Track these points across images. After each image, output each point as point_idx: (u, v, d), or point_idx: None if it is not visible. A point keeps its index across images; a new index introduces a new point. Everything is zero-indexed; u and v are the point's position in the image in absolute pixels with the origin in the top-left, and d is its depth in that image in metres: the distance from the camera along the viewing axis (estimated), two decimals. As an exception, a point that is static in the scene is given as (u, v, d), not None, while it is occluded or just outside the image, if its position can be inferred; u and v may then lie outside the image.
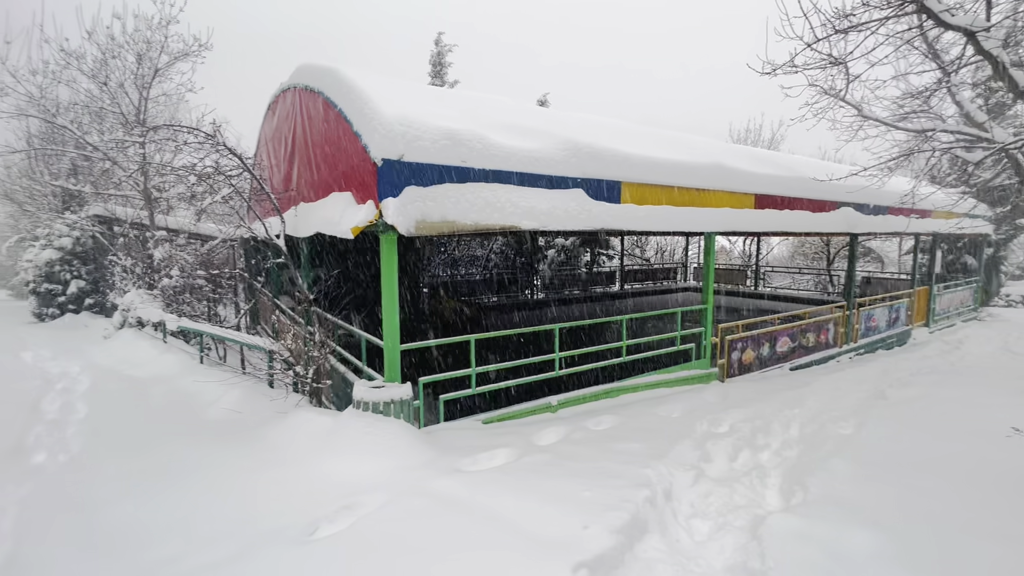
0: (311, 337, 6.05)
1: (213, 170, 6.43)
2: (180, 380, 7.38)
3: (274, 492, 3.82)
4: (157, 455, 4.60)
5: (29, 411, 6.30)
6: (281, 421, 5.03)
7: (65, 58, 11.04)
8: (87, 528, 3.36)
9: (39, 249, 14.76)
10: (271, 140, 8.87)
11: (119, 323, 11.18)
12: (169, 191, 11.97)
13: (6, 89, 10.69)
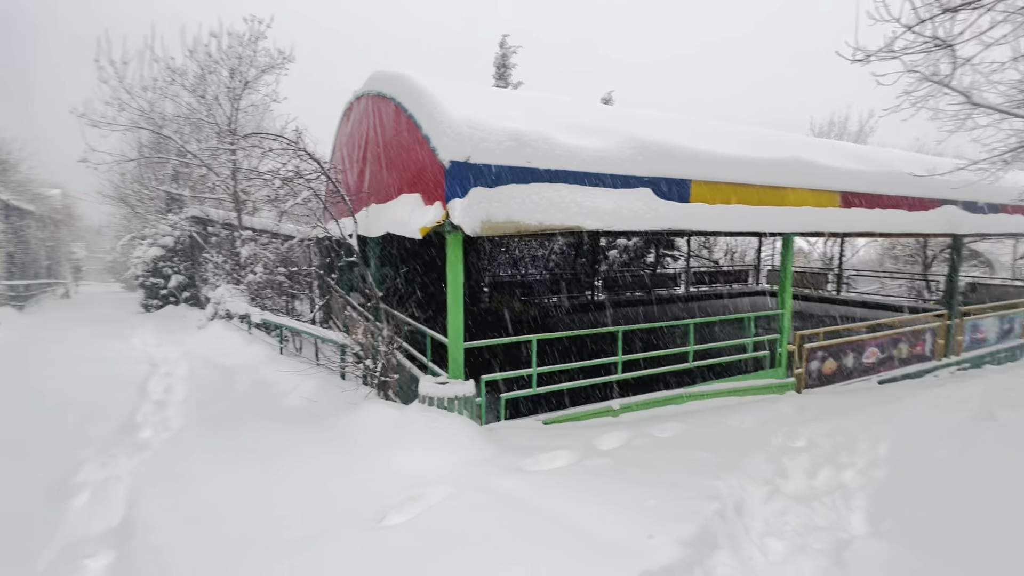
0: (379, 333, 6.31)
1: (294, 174, 6.87)
2: (263, 369, 7.97)
3: (346, 478, 4.02)
4: (244, 436, 4.99)
5: (138, 391, 7.05)
6: (352, 412, 5.29)
7: (170, 75, 12.27)
8: (186, 499, 3.72)
9: (146, 247, 16.51)
10: (345, 145, 9.36)
11: (211, 315, 12.26)
12: (255, 194, 12.97)
13: (124, 104, 12.05)
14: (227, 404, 6.28)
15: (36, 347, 10.62)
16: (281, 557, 2.97)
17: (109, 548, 3.25)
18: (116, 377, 7.88)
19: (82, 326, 13.96)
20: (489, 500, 3.48)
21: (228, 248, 13.68)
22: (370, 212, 7.51)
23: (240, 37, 11.86)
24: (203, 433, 5.15)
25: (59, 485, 4.01)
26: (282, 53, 12.13)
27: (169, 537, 3.19)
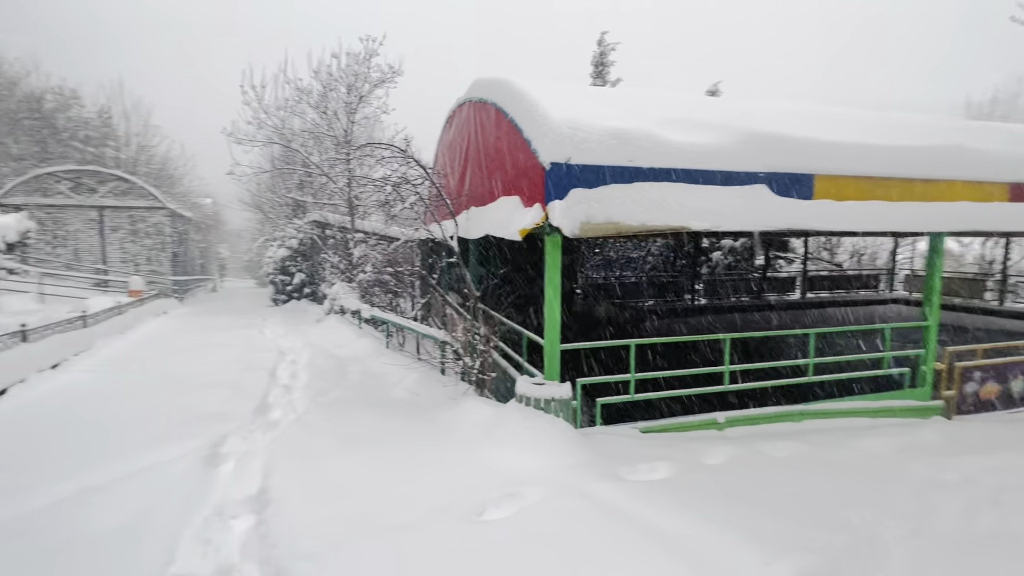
0: (477, 331, 6.51)
1: (402, 180, 7.33)
2: (371, 361, 8.62)
3: (446, 470, 4.19)
4: (357, 423, 5.42)
5: (269, 376, 7.97)
6: (452, 407, 5.51)
7: (298, 94, 13.78)
8: (310, 476, 4.11)
9: (276, 248, 18.65)
10: (448, 150, 9.80)
11: (327, 310, 13.54)
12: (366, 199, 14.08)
13: (262, 123, 13.74)
14: (342, 392, 6.87)
15: (192, 333, 12.49)
16: (390, 540, 3.16)
17: (250, 512, 3.70)
18: (252, 362, 8.99)
19: (226, 317, 16.16)
20: (587, 506, 3.42)
21: (342, 249, 15.00)
22: (470, 215, 7.77)
23: (356, 56, 12.97)
24: (323, 417, 5.67)
25: (211, 453, 4.65)
26: (392, 68, 13.05)
27: (298, 509, 3.55)
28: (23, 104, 22.60)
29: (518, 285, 9.30)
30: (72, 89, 24.80)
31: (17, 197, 17.69)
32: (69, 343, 9.26)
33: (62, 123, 23.65)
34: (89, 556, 3.11)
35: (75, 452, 4.78)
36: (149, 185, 20.69)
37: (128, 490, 3.92)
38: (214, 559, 3.16)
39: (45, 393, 6.91)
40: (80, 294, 15.69)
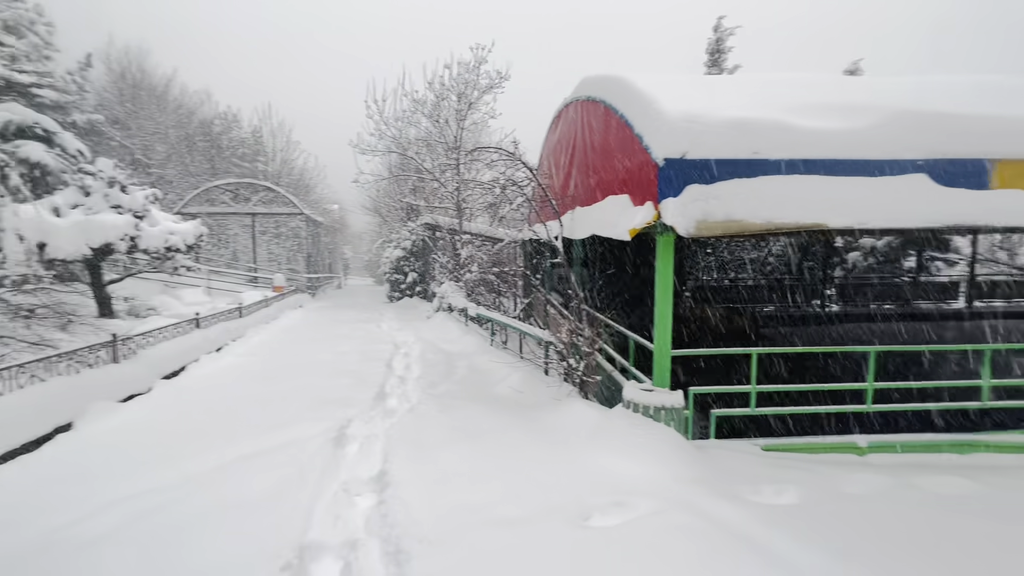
0: (581, 333, 6.42)
1: (509, 182, 7.49)
2: (477, 357, 8.93)
3: (549, 470, 4.18)
4: (465, 416, 5.63)
5: (385, 367, 8.63)
6: (556, 407, 5.50)
7: (414, 105, 14.76)
8: (424, 464, 4.36)
9: (392, 249, 20.16)
10: (553, 152, 9.83)
11: (436, 307, 14.30)
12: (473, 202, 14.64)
13: (382, 134, 14.95)
14: (451, 386, 7.20)
15: (321, 325, 13.96)
16: (501, 533, 3.23)
17: (372, 492, 4.02)
18: (371, 353, 9.80)
19: (349, 311, 17.84)
20: (703, 525, 3.19)
21: (450, 250, 15.77)
22: (575, 215, 7.71)
23: (467, 64, 13.55)
24: (434, 409, 5.99)
25: (339, 435, 5.13)
26: (499, 73, 13.42)
27: (413, 493, 3.78)
28: (199, 129, 27.00)
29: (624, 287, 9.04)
30: (234, 114, 29.12)
31: (192, 207, 21.20)
32: (229, 330, 10.85)
33: (225, 143, 27.84)
34: (247, 514, 3.60)
35: (234, 424, 5.57)
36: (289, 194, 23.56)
37: (274, 461, 4.48)
38: (343, 531, 3.47)
39: (212, 372, 8.16)
40: (237, 288, 18.34)
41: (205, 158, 26.87)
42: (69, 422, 5.39)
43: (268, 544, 3.24)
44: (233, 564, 3.04)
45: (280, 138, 29.98)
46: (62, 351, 6.02)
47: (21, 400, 4.95)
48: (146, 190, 11.54)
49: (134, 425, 5.58)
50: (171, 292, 14.61)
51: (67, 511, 3.64)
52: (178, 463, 4.49)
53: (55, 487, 4.06)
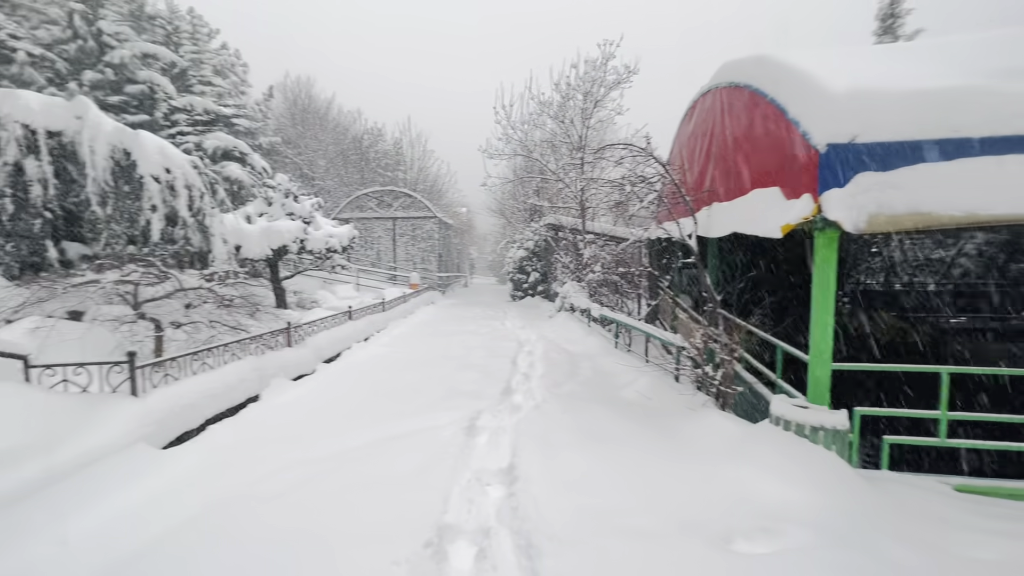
0: (717, 339, 5.94)
1: (640, 179, 7.21)
2: (601, 359, 8.77)
3: (686, 482, 3.92)
4: (590, 418, 5.56)
5: (510, 363, 8.89)
6: (689, 417, 5.16)
7: (540, 107, 15.01)
8: (551, 461, 4.39)
9: (515, 249, 20.76)
10: (686, 144, 9.25)
11: (558, 307, 14.38)
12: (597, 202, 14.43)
13: (509, 138, 15.47)
14: (575, 386, 7.17)
15: (451, 321, 14.88)
16: (630, 542, 3.11)
17: (501, 484, 4.16)
18: (496, 349, 10.18)
19: (475, 308, 18.78)
20: (883, 571, 2.72)
21: (573, 250, 15.73)
22: (712, 212, 7.17)
23: (593, 62, 13.39)
24: (559, 408, 6.00)
25: (470, 425, 5.40)
26: (627, 67, 13.03)
27: (542, 490, 3.82)
28: (351, 144, 30.60)
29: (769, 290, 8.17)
30: (379, 128, 32.45)
31: (345, 213, 24.08)
32: (374, 323, 12.10)
33: (372, 155, 31.14)
34: (391, 490, 3.95)
35: (379, 406, 6.18)
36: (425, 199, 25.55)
37: (414, 444, 4.86)
38: (476, 517, 3.64)
39: (361, 359, 9.17)
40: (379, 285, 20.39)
41: (356, 169, 30.38)
42: (257, 394, 6.45)
43: (410, 520, 3.52)
44: (381, 533, 3.35)
45: (417, 148, 32.71)
46: (252, 335, 7.23)
47: (227, 374, 6.06)
48: (312, 199, 13.37)
49: (302, 401, 6.49)
50: (328, 287, 16.76)
51: (253, 470, 4.34)
52: (335, 437, 5.10)
53: (245, 448, 4.88)
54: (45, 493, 3.44)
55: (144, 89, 14.60)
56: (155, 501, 3.74)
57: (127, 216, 9.49)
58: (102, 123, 9.20)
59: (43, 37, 14.14)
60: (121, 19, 16.18)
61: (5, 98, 8.95)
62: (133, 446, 4.24)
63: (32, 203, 8.89)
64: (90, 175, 8.84)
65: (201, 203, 9.82)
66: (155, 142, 9.49)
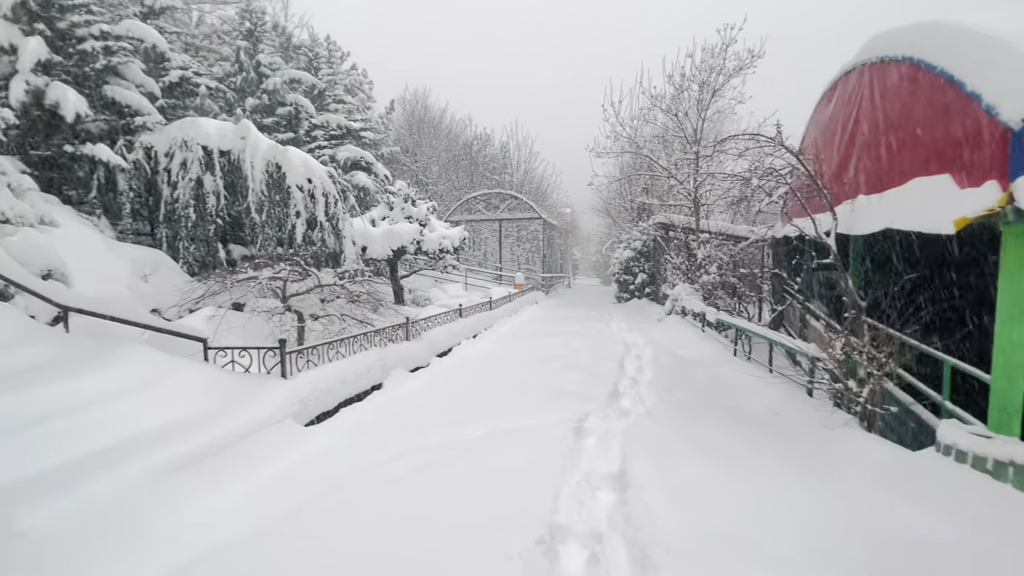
0: (862, 351, 5.19)
1: (768, 172, 6.59)
2: (718, 367, 8.17)
3: (821, 511, 3.48)
4: (707, 428, 5.20)
5: (617, 366, 8.64)
6: (826, 437, 4.59)
7: (651, 102, 14.42)
8: (664, 470, 4.18)
9: (622, 250, 20.20)
10: (823, 131, 8.26)
11: (668, 310, 13.69)
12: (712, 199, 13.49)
13: (617, 136, 15.09)
14: (688, 394, 6.76)
15: (554, 321, 14.90)
16: (756, 567, 2.84)
17: (611, 489, 4.05)
18: (602, 351, 9.97)
19: (579, 309, 18.61)
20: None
21: (685, 250, 14.88)
22: (856, 206, 6.31)
23: (712, 49, 12.53)
24: (671, 415, 5.70)
25: (578, 427, 5.35)
26: (751, 52, 11.98)
27: (656, 501, 3.65)
28: (462, 150, 32.10)
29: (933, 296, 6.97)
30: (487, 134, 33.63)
31: (455, 215, 25.32)
32: (482, 321, 12.54)
33: (480, 159, 32.36)
34: (503, 483, 4.04)
35: (489, 401, 6.38)
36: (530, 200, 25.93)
37: (524, 440, 4.93)
38: (586, 521, 3.58)
39: (470, 356, 9.55)
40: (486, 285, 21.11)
41: (466, 173, 31.80)
42: (380, 383, 7.02)
43: (521, 515, 3.56)
44: (494, 524, 3.43)
45: (524, 151, 33.35)
46: (377, 328, 7.90)
47: (356, 363, 6.68)
48: (428, 203, 14.25)
49: (419, 391, 6.93)
50: (439, 286, 17.75)
51: (379, 452, 4.71)
52: (450, 427, 5.36)
53: (372, 431, 5.31)
54: (216, 458, 4.06)
55: (291, 110, 16.69)
56: (299, 471, 4.23)
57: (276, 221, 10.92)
58: (260, 142, 10.68)
59: (217, 72, 16.83)
60: (274, 51, 18.67)
61: (191, 126, 10.79)
62: (283, 421, 4.84)
63: (208, 212, 10.60)
64: (250, 186, 10.31)
65: (335, 209, 10.95)
66: (299, 156, 10.78)
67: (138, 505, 3.27)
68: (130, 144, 10.76)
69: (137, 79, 11.44)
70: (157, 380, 4.60)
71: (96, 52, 10.57)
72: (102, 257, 8.76)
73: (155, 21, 13.88)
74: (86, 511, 3.03)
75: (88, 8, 10.65)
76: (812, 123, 9.14)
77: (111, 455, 3.55)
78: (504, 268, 26.52)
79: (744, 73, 12.40)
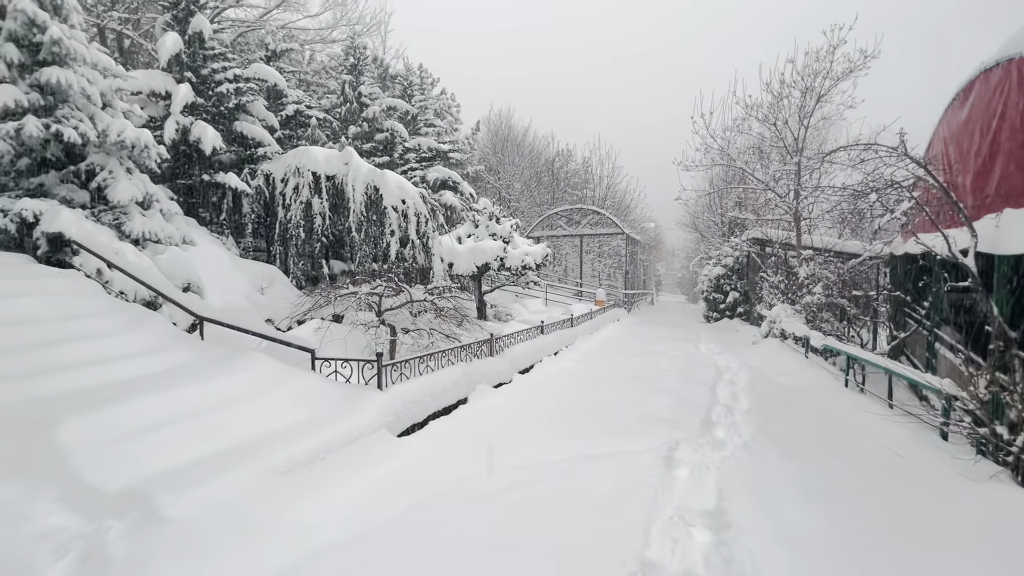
0: (1012, 390, 4.44)
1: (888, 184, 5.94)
2: (824, 398, 7.42)
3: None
4: (816, 469, 4.72)
5: (708, 392, 8.15)
6: (970, 490, 3.97)
7: (745, 111, 13.65)
8: (770, 511, 3.84)
9: (711, 266, 19.17)
10: (956, 136, 7.31)
11: (765, 332, 12.71)
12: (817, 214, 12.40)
13: (708, 148, 14.44)
14: (790, 427, 6.19)
15: (638, 340, 14.41)
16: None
17: (707, 528, 3.79)
18: (690, 375, 9.46)
19: (663, 328, 17.86)
20: None
21: (784, 268, 13.78)
22: (1003, 220, 5.48)
23: (816, 53, 11.63)
24: (772, 450, 5.25)
25: (668, 456, 5.10)
26: (863, 52, 10.95)
27: (761, 545, 3.36)
28: (544, 167, 32.49)
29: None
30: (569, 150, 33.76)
31: (536, 232, 25.55)
32: (563, 338, 12.46)
33: (562, 175, 32.52)
34: (591, 512, 3.94)
35: (573, 422, 6.29)
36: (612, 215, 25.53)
37: (610, 466, 4.79)
38: (680, 560, 3.38)
39: (552, 372, 9.51)
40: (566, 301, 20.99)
41: (548, 190, 32.09)
42: (465, 397, 7.20)
43: (611, 545, 3.44)
44: (584, 553, 3.35)
45: (607, 165, 33.01)
46: (463, 343, 8.14)
47: (444, 377, 6.93)
48: (511, 220, 14.54)
49: (502, 408, 7.00)
50: (520, 302, 17.94)
51: (470, 466, 4.81)
52: (536, 446, 5.35)
53: (460, 445, 5.44)
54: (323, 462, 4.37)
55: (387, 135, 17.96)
56: (394, 480, 4.43)
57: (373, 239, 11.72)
58: (361, 166, 11.58)
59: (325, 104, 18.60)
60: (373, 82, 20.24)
61: (302, 154, 11.97)
62: (379, 431, 5.12)
63: (315, 231, 11.64)
64: (352, 207, 11.18)
65: (426, 227, 11.54)
66: (395, 178, 11.53)
67: (257, 502, 3.61)
68: (253, 172, 12.16)
69: (260, 114, 12.94)
70: (274, 386, 5.09)
71: (229, 93, 12.12)
72: (228, 272, 9.93)
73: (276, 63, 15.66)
74: (218, 504, 3.40)
75: (225, 56, 12.26)
76: (942, 128, 8.13)
77: (237, 453, 3.97)
78: (585, 284, 26.22)
79: (855, 76, 11.32)
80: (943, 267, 7.93)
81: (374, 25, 24.65)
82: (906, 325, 9.54)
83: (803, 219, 12.98)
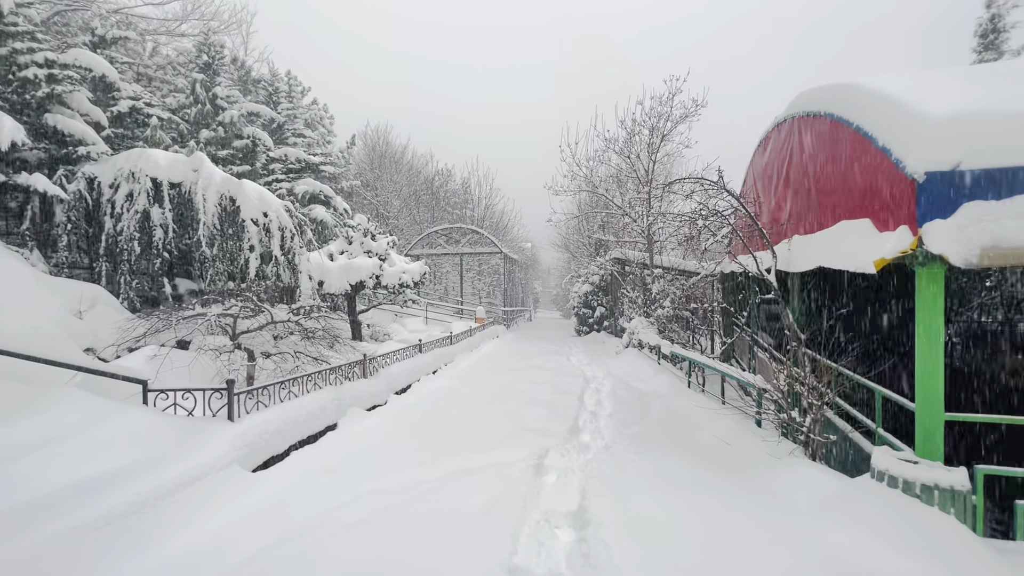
0: (803, 381, 5.50)
1: (712, 213, 7.02)
2: (673, 399, 8.38)
3: (779, 541, 3.59)
4: (664, 462, 5.29)
5: (577, 400, 8.71)
6: (775, 466, 4.78)
7: (605, 144, 15.17)
8: (624, 507, 4.20)
9: (580, 284, 20.64)
10: (761, 175, 8.92)
11: (626, 343, 14.00)
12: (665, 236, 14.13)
13: (574, 175, 15.69)
14: (645, 427, 6.88)
15: (516, 355, 14.91)
16: (715, 603, 2.88)
17: (570, 527, 4.03)
18: (562, 385, 10.04)
19: (540, 343, 18.72)
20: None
21: (640, 285, 15.40)
22: (792, 245, 6.79)
23: (659, 98, 13.43)
24: (629, 450, 5.78)
25: (538, 464, 5.33)
26: (695, 101, 12.92)
27: (615, 538, 3.66)
28: (423, 185, 32.34)
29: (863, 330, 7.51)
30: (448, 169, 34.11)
31: (416, 250, 25.24)
32: (442, 356, 12.39)
33: (442, 195, 32.66)
34: (462, 526, 3.94)
35: (448, 440, 6.27)
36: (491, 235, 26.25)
37: (484, 480, 4.85)
38: (545, 562, 3.54)
39: (430, 391, 9.39)
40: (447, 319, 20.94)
41: (427, 208, 31.96)
42: (335, 423, 6.77)
43: (481, 557, 3.48)
44: (455, 568, 3.34)
45: (484, 186, 33.98)
46: (332, 366, 7.67)
47: (310, 403, 6.44)
48: (388, 237, 14.19)
49: (376, 430, 6.72)
50: (399, 321, 17.47)
51: (334, 497, 4.52)
52: (409, 468, 5.22)
53: (325, 475, 5.10)
54: (153, 510, 3.78)
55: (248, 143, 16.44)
56: (248, 521, 3.99)
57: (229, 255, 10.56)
58: (213, 174, 10.44)
59: (171, 103, 16.46)
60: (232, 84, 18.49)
61: (139, 157, 10.44)
62: (228, 468, 4.57)
63: (155, 245, 10.15)
64: (202, 220, 9.99)
65: (291, 243, 10.74)
66: (255, 189, 10.59)
67: (63, 565, 2.98)
68: (71, 174, 10.27)
69: (82, 108, 11.04)
70: (88, 427, 4.28)
71: (39, 80, 10.18)
72: (31, 291, 8.17)
73: (106, 51, 13.54)
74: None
75: (33, 36, 10.30)
76: (751, 168, 9.87)
77: (38, 507, 3.25)
78: (465, 302, 26.44)
79: (690, 120, 13.33)
80: (755, 283, 9.56)
81: (233, 24, 22.66)
82: (733, 332, 11.23)
83: (655, 241, 14.70)
